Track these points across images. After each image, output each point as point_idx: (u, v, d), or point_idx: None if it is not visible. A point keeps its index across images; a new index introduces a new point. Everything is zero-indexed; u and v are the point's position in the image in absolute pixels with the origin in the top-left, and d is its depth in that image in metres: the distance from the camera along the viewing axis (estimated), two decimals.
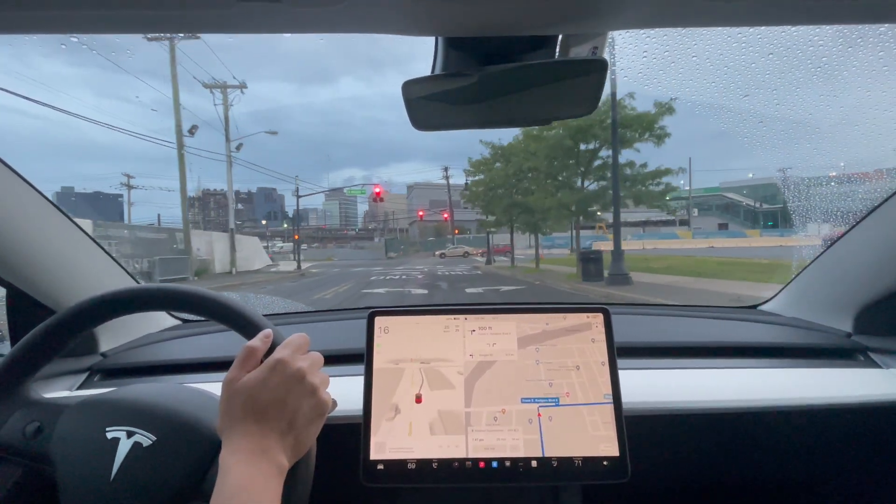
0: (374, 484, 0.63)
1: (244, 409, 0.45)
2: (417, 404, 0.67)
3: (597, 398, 0.67)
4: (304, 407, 0.48)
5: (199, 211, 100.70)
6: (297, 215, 25.52)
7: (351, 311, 1.15)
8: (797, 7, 0.44)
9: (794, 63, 1.05)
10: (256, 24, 0.45)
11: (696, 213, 38.53)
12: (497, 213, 14.97)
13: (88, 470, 0.50)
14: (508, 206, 13.99)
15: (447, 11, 0.44)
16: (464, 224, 40.41)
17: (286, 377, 0.47)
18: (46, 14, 0.42)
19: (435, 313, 0.71)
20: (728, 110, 1.60)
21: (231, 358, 0.52)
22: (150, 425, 0.52)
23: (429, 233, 43.36)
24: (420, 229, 44.38)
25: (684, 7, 0.44)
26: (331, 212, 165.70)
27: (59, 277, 0.84)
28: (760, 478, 0.84)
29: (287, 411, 0.47)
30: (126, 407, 0.54)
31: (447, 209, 33.19)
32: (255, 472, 0.43)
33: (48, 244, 0.80)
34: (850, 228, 0.90)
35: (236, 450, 0.44)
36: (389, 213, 75.95)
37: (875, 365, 0.86)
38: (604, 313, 0.70)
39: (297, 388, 0.48)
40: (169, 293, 0.55)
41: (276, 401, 0.46)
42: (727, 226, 40.24)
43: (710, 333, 0.99)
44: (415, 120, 0.58)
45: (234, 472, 0.42)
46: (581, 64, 0.54)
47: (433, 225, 43.95)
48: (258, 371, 0.48)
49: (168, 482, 0.50)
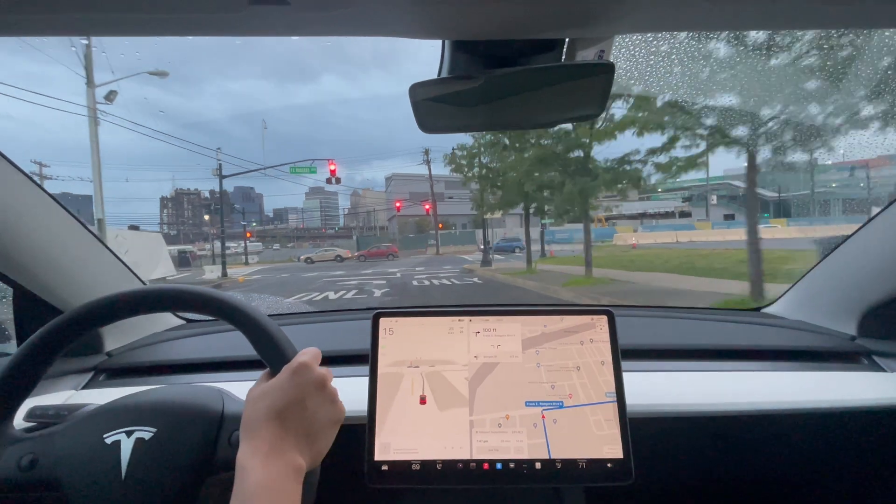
0: (378, 485, 0.65)
1: (267, 412, 0.47)
2: (422, 405, 0.69)
3: (599, 397, 0.69)
4: (323, 413, 0.50)
5: (173, 212, 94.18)
6: (223, 201, 20.14)
7: (355, 311, 1.17)
8: (802, 12, 0.46)
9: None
10: (265, 27, 0.46)
11: (715, 200, 34.52)
12: (508, 190, 11.57)
13: (98, 478, 0.51)
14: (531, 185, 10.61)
15: (454, 15, 0.46)
16: (448, 219, 35.19)
17: (307, 381, 0.50)
18: (57, 17, 0.43)
19: (439, 314, 0.73)
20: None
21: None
22: (146, 421, 0.54)
23: (410, 228, 38.20)
24: (400, 225, 39.64)
25: (690, 10, 0.45)
26: (312, 211, 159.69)
27: (66, 277, 0.85)
28: (764, 481, 0.87)
29: (307, 415, 0.49)
30: (118, 412, 0.56)
31: (429, 200, 27.99)
32: (275, 472, 0.44)
33: (55, 244, 0.82)
34: (854, 231, 0.93)
35: (256, 450, 0.45)
36: (371, 210, 70.74)
37: (879, 368, 0.88)
38: (608, 315, 0.73)
39: (318, 393, 0.50)
40: (178, 294, 0.56)
41: (296, 403, 0.48)
42: (734, 216, 36.49)
43: (715, 336, 1.01)
44: (421, 123, 0.59)
45: (255, 472, 0.43)
46: (588, 67, 0.56)
47: (415, 220, 38.65)
48: (280, 375, 0.50)
49: (180, 465, 0.52)
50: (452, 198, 40.60)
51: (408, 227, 40.97)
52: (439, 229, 30.69)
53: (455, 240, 32.67)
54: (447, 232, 35.99)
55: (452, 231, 36.53)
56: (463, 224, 38.25)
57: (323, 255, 27.83)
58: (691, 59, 3.34)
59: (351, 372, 0.81)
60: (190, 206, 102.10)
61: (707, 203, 37.09)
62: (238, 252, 32.72)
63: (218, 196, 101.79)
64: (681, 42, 2.34)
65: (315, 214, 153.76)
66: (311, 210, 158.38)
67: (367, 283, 11.48)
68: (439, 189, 35.22)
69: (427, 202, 29.77)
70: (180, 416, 0.55)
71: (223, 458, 0.53)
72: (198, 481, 0.52)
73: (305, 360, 0.51)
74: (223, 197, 19.87)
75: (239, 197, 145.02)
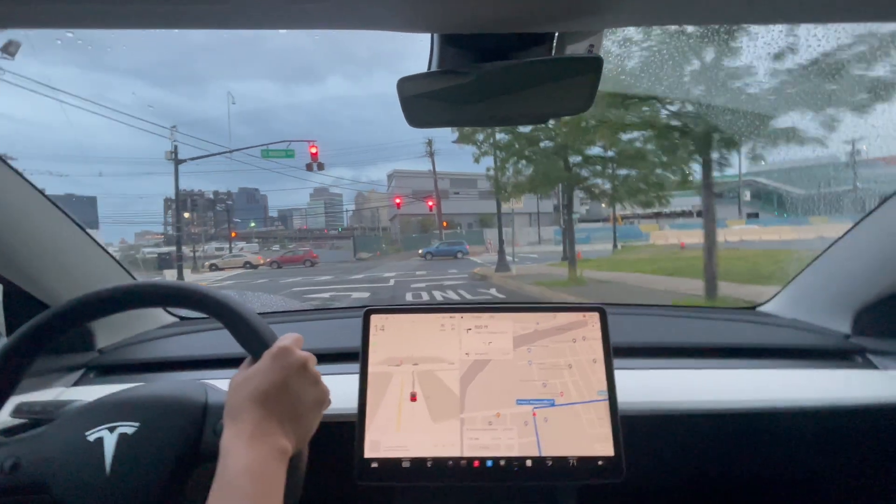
0: (368, 482, 0.66)
1: (249, 396, 0.48)
2: (412, 402, 0.70)
3: (591, 395, 0.70)
4: (307, 395, 0.51)
5: (175, 214, 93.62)
6: (178, 200, 17.55)
7: (346, 309, 1.20)
8: (791, 4, 0.46)
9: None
10: (250, 20, 0.46)
11: (749, 196, 31.95)
12: (541, 165, 8.73)
13: (83, 476, 0.52)
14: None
15: (442, 8, 0.46)
16: (453, 218, 32.22)
17: (289, 364, 0.50)
18: (40, 9, 0.43)
19: (431, 311, 0.74)
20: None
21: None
22: (129, 416, 0.55)
23: (413, 228, 35.35)
24: (402, 224, 36.79)
25: (680, 3, 0.45)
26: (317, 211, 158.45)
27: (55, 273, 0.86)
28: (758, 479, 0.88)
29: (290, 397, 0.49)
30: (100, 408, 0.57)
31: (433, 196, 25.11)
32: (258, 454, 0.44)
33: (46, 240, 0.83)
34: (848, 230, 0.94)
35: (239, 432, 0.45)
36: (374, 209, 68.46)
37: (873, 366, 0.89)
38: (600, 312, 0.74)
39: (300, 376, 0.51)
40: (157, 289, 0.57)
41: (279, 386, 0.49)
42: (757, 215, 33.84)
43: (709, 334, 1.02)
44: (410, 117, 0.59)
45: (238, 454, 0.44)
46: (577, 61, 0.56)
47: (418, 219, 35.78)
48: (262, 359, 0.51)
49: (164, 458, 0.53)
50: (458, 193, 37.71)
51: (410, 227, 38.58)
52: (443, 228, 27.68)
53: (461, 239, 29.74)
54: (452, 231, 33.66)
55: (458, 230, 33.75)
56: (469, 223, 35.32)
57: (231, 262, 25.15)
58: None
59: (342, 370, 0.81)
60: (193, 207, 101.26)
61: (740, 200, 34.37)
62: (221, 255, 30.63)
63: (223, 195, 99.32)
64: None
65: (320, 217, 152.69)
66: (316, 210, 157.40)
67: (344, 296, 8.82)
68: (444, 186, 32.31)
69: (431, 198, 26.87)
70: (163, 410, 0.56)
71: (209, 448, 0.52)
72: (184, 473, 0.53)
73: (286, 343, 0.52)
74: (188, 199, 17.37)
75: (243, 198, 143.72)
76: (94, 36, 5.78)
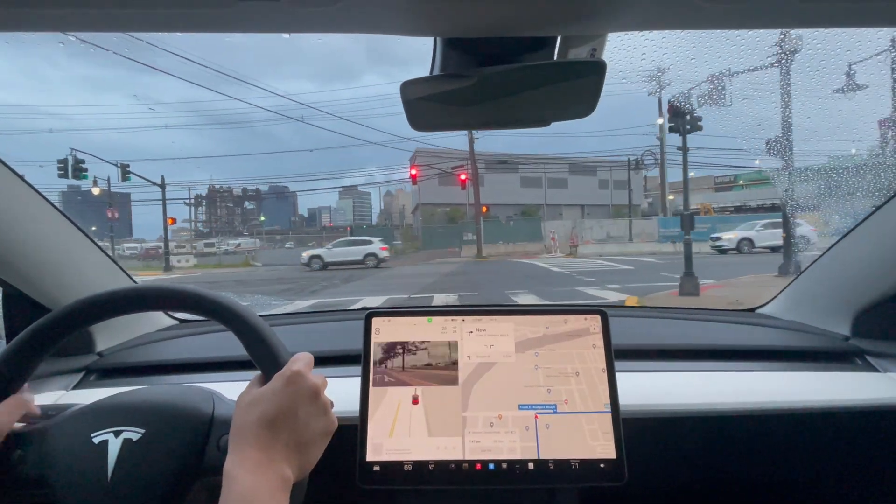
0: (370, 485, 0.71)
1: (257, 421, 0.50)
2: (414, 406, 0.73)
3: (597, 407, 0.73)
4: (315, 424, 0.53)
5: (206, 210, 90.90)
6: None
7: (348, 311, 1.24)
8: (792, 10, 0.48)
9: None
10: (255, 23, 0.49)
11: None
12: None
13: (84, 478, 0.54)
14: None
15: (446, 12, 0.48)
16: (489, 209, 25.21)
17: (300, 391, 0.52)
18: (47, 12, 0.45)
19: (432, 314, 0.78)
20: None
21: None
22: (135, 421, 0.57)
23: (438, 219, 28.65)
24: (424, 216, 30.23)
25: (682, 9, 0.48)
26: (345, 210, 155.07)
27: (56, 276, 0.91)
28: (757, 481, 0.93)
29: (298, 425, 0.51)
30: (107, 411, 0.59)
31: (466, 170, 17.96)
32: (261, 482, 0.46)
33: (44, 242, 0.88)
34: (847, 232, 0.98)
35: (245, 459, 0.48)
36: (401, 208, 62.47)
37: (872, 368, 0.92)
38: (601, 315, 0.77)
39: (311, 404, 0.52)
40: (168, 293, 0.58)
41: (287, 413, 0.51)
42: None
43: (709, 336, 1.04)
44: (412, 120, 0.62)
45: (242, 482, 0.46)
46: (579, 66, 0.58)
47: (444, 210, 29.32)
48: (273, 382, 0.53)
49: (167, 468, 0.55)
50: (504, 166, 30.18)
51: (434, 219, 31.49)
52: (482, 213, 19.48)
53: (504, 233, 22.97)
54: (493, 221, 26.53)
55: (501, 221, 27.67)
56: (508, 217, 28.36)
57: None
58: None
59: (343, 372, 0.86)
60: (223, 204, 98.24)
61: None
62: (227, 252, 29.21)
63: (252, 193, 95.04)
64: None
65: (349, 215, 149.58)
66: (344, 209, 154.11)
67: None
68: (478, 169, 25.36)
69: (463, 172, 18.61)
70: (169, 418, 0.58)
71: (211, 462, 0.54)
72: (184, 485, 0.55)
73: (299, 368, 0.53)
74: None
75: (273, 196, 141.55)
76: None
